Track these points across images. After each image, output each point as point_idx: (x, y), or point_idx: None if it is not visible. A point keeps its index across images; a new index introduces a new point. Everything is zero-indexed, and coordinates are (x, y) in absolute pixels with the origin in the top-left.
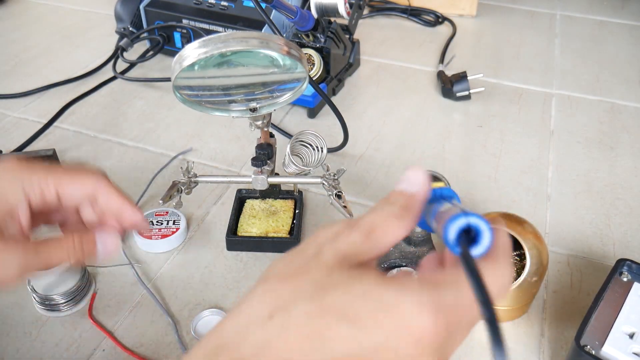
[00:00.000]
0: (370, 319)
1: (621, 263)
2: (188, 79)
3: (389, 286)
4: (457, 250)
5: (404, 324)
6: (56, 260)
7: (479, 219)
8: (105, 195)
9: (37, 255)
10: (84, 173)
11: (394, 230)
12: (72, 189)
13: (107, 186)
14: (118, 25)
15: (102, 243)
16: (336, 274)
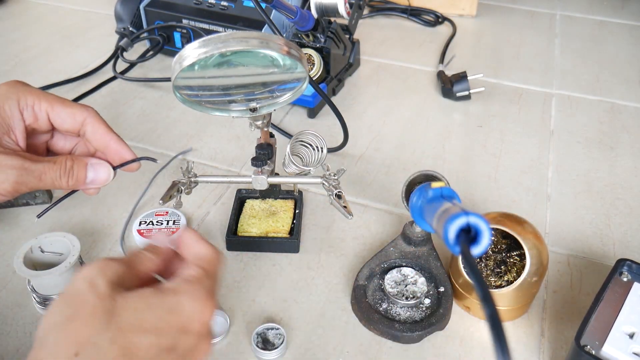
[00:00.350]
0: (162, 324)
1: (621, 263)
2: (188, 79)
3: (165, 293)
4: (457, 249)
5: (188, 316)
6: (48, 179)
7: (478, 219)
8: (93, 126)
9: (31, 171)
10: (76, 105)
11: (148, 264)
12: (63, 115)
13: (96, 117)
14: (118, 25)
15: (93, 170)
16: (118, 299)
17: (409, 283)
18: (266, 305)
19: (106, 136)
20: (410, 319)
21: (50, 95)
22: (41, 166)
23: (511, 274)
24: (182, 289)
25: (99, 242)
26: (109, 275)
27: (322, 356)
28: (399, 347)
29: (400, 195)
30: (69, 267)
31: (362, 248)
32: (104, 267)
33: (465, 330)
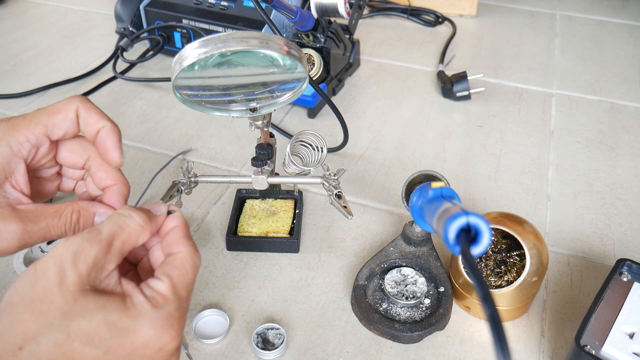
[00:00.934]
0: (113, 343)
1: (621, 263)
2: (188, 79)
3: (127, 312)
4: (457, 249)
5: (143, 341)
6: (54, 233)
7: (478, 219)
8: (86, 112)
9: (34, 233)
10: (64, 100)
11: (136, 238)
12: (56, 119)
13: (88, 103)
14: (118, 25)
15: (100, 217)
16: (80, 302)
17: (409, 283)
18: (266, 305)
19: (100, 122)
20: (410, 319)
21: (34, 112)
22: (44, 225)
23: (511, 274)
24: (144, 312)
25: None
26: (82, 266)
27: (322, 356)
28: (399, 347)
29: (400, 195)
30: None
31: (362, 248)
32: (80, 253)
33: (465, 331)
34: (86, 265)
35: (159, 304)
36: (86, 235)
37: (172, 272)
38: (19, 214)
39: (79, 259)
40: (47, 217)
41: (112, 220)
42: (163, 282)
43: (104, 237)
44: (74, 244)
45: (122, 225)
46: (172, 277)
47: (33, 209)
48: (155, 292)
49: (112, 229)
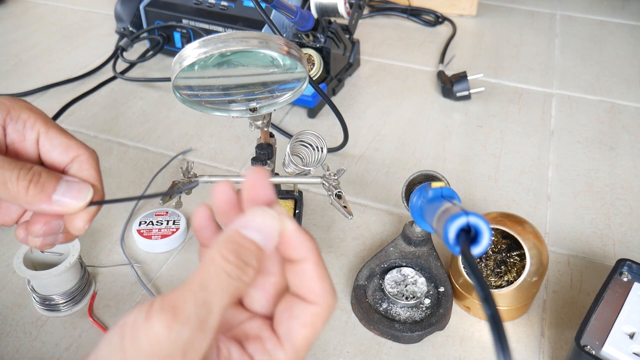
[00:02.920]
0: None
1: (621, 263)
2: (188, 78)
3: None
4: (457, 249)
5: None
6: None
7: (478, 219)
8: (81, 166)
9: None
10: (75, 138)
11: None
12: (56, 142)
13: (90, 161)
14: (118, 25)
15: (66, 187)
16: None
17: (409, 283)
18: None
19: (90, 179)
20: (410, 319)
21: (52, 121)
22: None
23: (511, 274)
24: None
25: (99, 242)
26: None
27: (322, 356)
28: (399, 347)
29: (400, 195)
30: (68, 267)
31: (362, 248)
32: (190, 349)
33: (466, 331)
34: (197, 359)
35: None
36: (195, 321)
37: (299, 334)
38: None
39: (189, 355)
40: (5, 164)
41: (221, 287)
42: (285, 350)
43: (216, 320)
44: (182, 336)
45: (234, 294)
46: (297, 342)
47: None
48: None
49: (224, 304)
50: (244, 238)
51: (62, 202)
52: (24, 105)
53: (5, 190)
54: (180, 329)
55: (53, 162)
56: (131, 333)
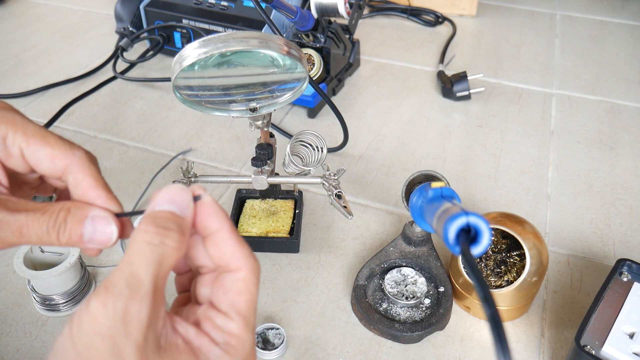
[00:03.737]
0: None
1: (621, 263)
2: (188, 78)
3: (197, 355)
4: (457, 249)
5: None
6: (32, 235)
7: (478, 219)
8: (76, 177)
9: (12, 217)
10: (61, 144)
11: (175, 264)
12: (40, 155)
13: (82, 166)
14: (118, 25)
15: (91, 227)
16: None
17: (409, 283)
18: (266, 305)
19: (91, 192)
20: (410, 319)
21: (33, 127)
22: (22, 218)
23: (511, 274)
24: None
25: None
26: (138, 334)
27: (322, 356)
28: (399, 347)
29: (400, 195)
30: (68, 267)
31: (362, 248)
32: (130, 318)
33: (466, 331)
34: (141, 329)
35: (236, 350)
36: (126, 291)
37: (239, 302)
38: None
39: (130, 325)
40: (28, 210)
41: (144, 256)
42: (234, 320)
43: (149, 287)
44: (117, 308)
45: (160, 260)
46: (241, 309)
47: (15, 200)
48: (229, 336)
49: (152, 270)
50: (159, 211)
51: (93, 243)
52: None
53: (25, 239)
54: (114, 302)
55: (47, 174)
56: (77, 320)
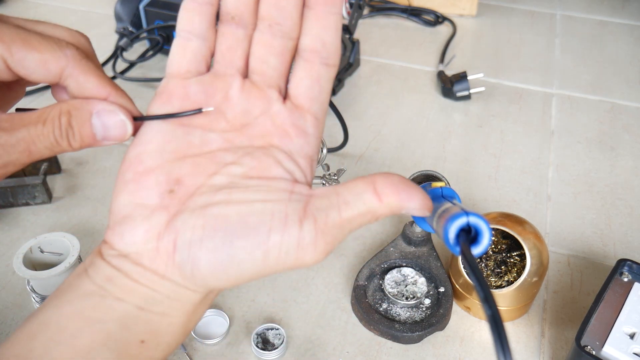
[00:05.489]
0: None
1: (622, 263)
2: None
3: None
4: (457, 249)
5: None
6: (40, 145)
7: (479, 219)
8: (77, 80)
9: (13, 138)
10: (50, 44)
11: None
12: (29, 62)
13: (79, 64)
14: (118, 25)
15: (100, 122)
16: None
17: (409, 283)
18: (266, 306)
19: (99, 91)
20: (410, 319)
21: (8, 29)
22: (25, 135)
23: (511, 274)
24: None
25: (98, 242)
26: None
27: (322, 356)
28: (399, 348)
29: None
30: (68, 267)
31: (362, 248)
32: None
33: (466, 331)
34: None
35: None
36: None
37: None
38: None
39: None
40: (27, 125)
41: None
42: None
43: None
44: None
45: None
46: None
47: (7, 117)
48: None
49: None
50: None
51: (107, 139)
52: None
53: (37, 154)
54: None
55: (42, 82)
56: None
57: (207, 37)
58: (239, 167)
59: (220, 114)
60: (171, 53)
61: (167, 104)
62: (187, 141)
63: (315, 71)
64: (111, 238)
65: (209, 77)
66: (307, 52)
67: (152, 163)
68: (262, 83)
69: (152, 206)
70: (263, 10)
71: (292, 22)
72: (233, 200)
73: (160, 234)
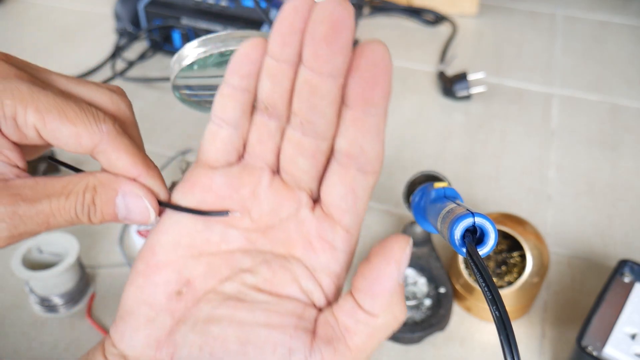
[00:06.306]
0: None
1: (623, 264)
2: (187, 78)
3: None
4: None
5: None
6: (59, 219)
7: (484, 219)
8: (109, 157)
9: (33, 209)
10: (84, 117)
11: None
12: (61, 135)
13: (114, 142)
14: (117, 25)
15: (124, 204)
16: None
17: (409, 284)
18: None
19: (129, 171)
20: (410, 320)
21: (45, 98)
22: (46, 207)
23: (512, 274)
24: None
25: (98, 243)
26: None
27: None
28: (399, 348)
29: (401, 195)
30: (67, 268)
31: (362, 248)
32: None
33: (466, 332)
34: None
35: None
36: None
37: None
38: (10, 190)
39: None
40: (50, 196)
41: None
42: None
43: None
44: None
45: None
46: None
47: (32, 183)
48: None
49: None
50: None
51: (132, 220)
52: (3, 89)
53: (54, 226)
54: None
55: (72, 152)
56: None
57: (240, 125)
58: (252, 277)
59: (245, 211)
60: (203, 138)
61: (188, 194)
62: (205, 237)
63: (351, 178)
64: (114, 334)
65: (237, 169)
66: (342, 155)
67: (165, 258)
68: (292, 182)
69: (158, 307)
70: (295, 105)
71: (326, 121)
72: (236, 319)
73: (159, 343)
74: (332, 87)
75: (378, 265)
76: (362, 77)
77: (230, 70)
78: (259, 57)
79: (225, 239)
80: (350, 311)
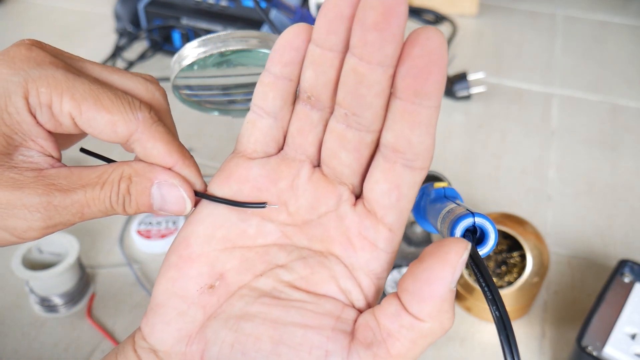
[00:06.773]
0: None
1: (623, 264)
2: (187, 78)
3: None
4: None
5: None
6: (94, 209)
7: (485, 219)
8: (145, 147)
9: (68, 200)
10: (120, 105)
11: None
12: (97, 124)
13: (150, 132)
14: (117, 25)
15: (159, 194)
16: None
17: None
18: None
19: (164, 160)
20: None
21: (81, 86)
22: (81, 197)
23: (512, 274)
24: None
25: (98, 243)
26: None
27: None
28: None
29: None
30: (67, 268)
31: None
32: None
33: (466, 332)
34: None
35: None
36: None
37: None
38: (45, 180)
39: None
40: (85, 186)
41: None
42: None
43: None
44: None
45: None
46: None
47: (66, 173)
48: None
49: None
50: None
51: (164, 211)
52: (39, 75)
53: (88, 216)
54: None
55: (107, 141)
56: None
57: (281, 116)
58: (288, 274)
59: (282, 204)
60: (242, 128)
61: (224, 184)
62: (240, 229)
63: (396, 174)
64: (144, 327)
65: (275, 160)
66: (388, 149)
67: (198, 249)
68: (333, 176)
69: (189, 299)
70: (340, 95)
71: (372, 112)
72: (270, 317)
73: (190, 338)
74: (381, 77)
75: (431, 267)
76: (414, 66)
77: (272, 58)
78: (303, 45)
79: (261, 233)
80: (394, 314)
